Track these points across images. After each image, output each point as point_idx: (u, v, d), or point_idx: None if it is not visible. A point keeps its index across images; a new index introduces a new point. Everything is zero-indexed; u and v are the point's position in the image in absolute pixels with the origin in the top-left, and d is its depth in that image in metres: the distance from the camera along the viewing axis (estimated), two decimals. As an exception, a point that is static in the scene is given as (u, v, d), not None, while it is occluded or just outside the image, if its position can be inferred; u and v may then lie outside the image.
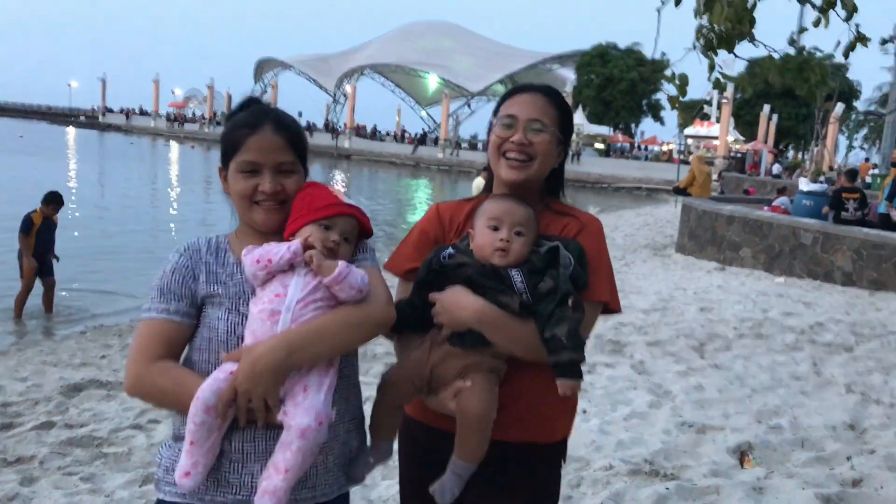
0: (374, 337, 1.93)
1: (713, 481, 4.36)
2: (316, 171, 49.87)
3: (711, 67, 4.60)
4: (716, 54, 4.50)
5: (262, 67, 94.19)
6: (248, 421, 1.79)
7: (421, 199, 34.88)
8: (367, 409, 2.10)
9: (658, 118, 76.60)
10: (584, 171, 54.28)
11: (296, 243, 1.83)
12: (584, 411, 5.61)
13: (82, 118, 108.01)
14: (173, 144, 68.31)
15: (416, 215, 25.61)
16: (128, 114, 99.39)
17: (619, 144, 73.11)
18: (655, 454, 4.74)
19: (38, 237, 9.50)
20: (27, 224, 9.46)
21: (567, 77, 70.95)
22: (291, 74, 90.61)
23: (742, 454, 4.76)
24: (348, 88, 79.51)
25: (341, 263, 1.82)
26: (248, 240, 1.95)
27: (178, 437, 1.86)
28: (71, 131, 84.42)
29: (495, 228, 2.01)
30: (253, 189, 1.91)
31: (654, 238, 20.15)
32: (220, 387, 1.73)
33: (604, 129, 73.32)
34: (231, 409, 1.76)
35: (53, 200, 9.70)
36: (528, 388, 2.03)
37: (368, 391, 2.05)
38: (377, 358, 6.69)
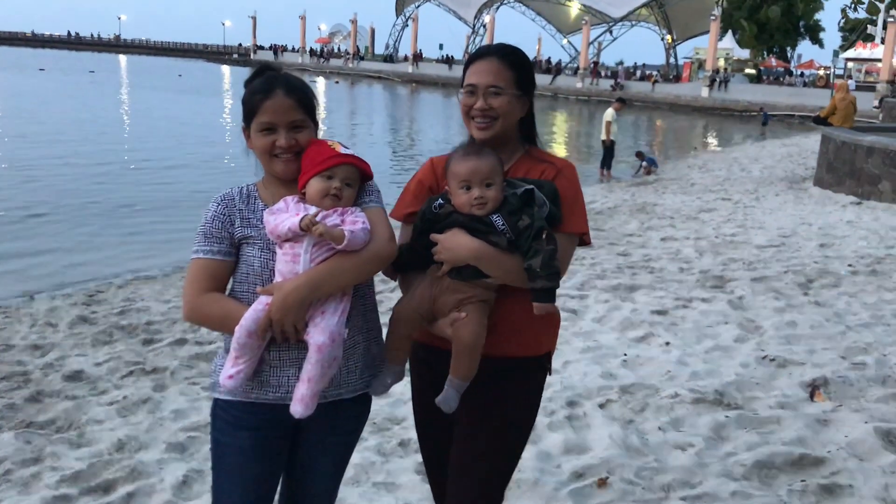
0: (381, 269, 2.32)
1: (777, 412, 4.51)
2: (454, 103, 50.21)
3: None
4: None
5: (404, 0, 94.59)
6: (283, 339, 2.21)
7: (559, 132, 34.59)
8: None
9: (817, 40, 71.31)
10: (732, 99, 51.95)
11: (295, 223, 2.16)
12: (668, 343, 5.82)
13: (235, 56, 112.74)
14: (319, 79, 70.42)
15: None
16: (276, 50, 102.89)
17: (773, 70, 68.92)
18: (727, 385, 4.91)
19: None
20: None
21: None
22: (431, 6, 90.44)
23: (814, 388, 4.85)
24: (487, 19, 78.75)
25: (347, 232, 2.15)
26: (273, 187, 2.36)
27: (227, 350, 2.30)
28: (225, 69, 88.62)
29: (468, 188, 2.30)
30: (271, 145, 2.28)
31: (793, 171, 19.35)
32: (258, 316, 2.16)
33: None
34: (268, 331, 2.19)
35: None
36: (516, 311, 2.36)
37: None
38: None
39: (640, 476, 3.84)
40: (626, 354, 5.56)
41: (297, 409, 2.19)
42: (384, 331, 2.47)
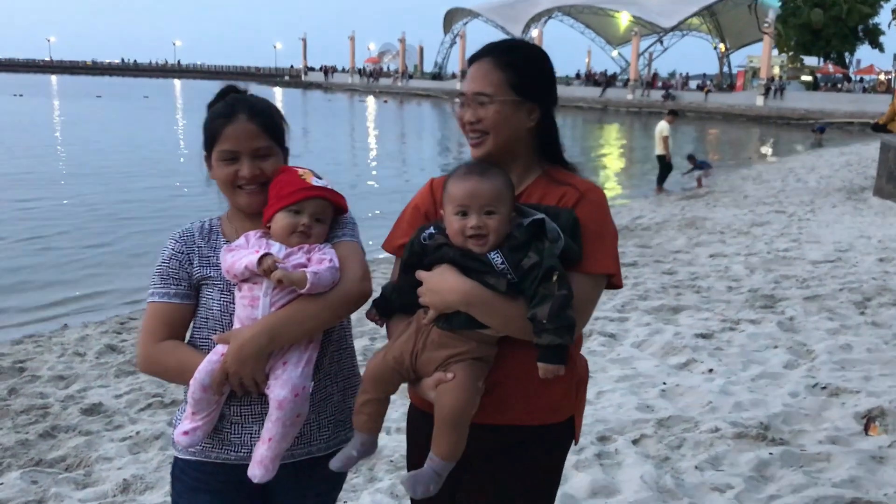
0: (352, 312, 2.04)
1: (827, 448, 4.14)
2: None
3: None
4: None
5: (451, 17, 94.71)
6: (243, 392, 1.98)
7: (609, 143, 34.08)
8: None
9: (876, 44, 69.05)
10: (789, 108, 50.67)
11: (252, 260, 1.92)
12: (711, 370, 5.46)
13: (286, 77, 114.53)
14: (369, 99, 70.89)
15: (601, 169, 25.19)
16: (326, 71, 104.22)
17: (830, 76, 67.00)
18: (773, 417, 4.55)
19: None
20: None
21: (771, 5, 65.50)
22: (479, 22, 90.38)
23: (869, 420, 4.45)
24: (535, 33, 78.44)
25: (309, 274, 1.89)
26: (237, 221, 2.12)
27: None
28: (277, 91, 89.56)
29: (464, 214, 1.88)
30: (234, 175, 2.03)
31: (852, 180, 18.63)
32: (213, 369, 1.93)
33: (811, 60, 67.53)
34: (226, 384, 1.95)
35: None
36: (526, 366, 1.88)
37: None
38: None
39: (673, 522, 3.52)
40: (665, 383, 5.22)
41: (256, 472, 1.95)
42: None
